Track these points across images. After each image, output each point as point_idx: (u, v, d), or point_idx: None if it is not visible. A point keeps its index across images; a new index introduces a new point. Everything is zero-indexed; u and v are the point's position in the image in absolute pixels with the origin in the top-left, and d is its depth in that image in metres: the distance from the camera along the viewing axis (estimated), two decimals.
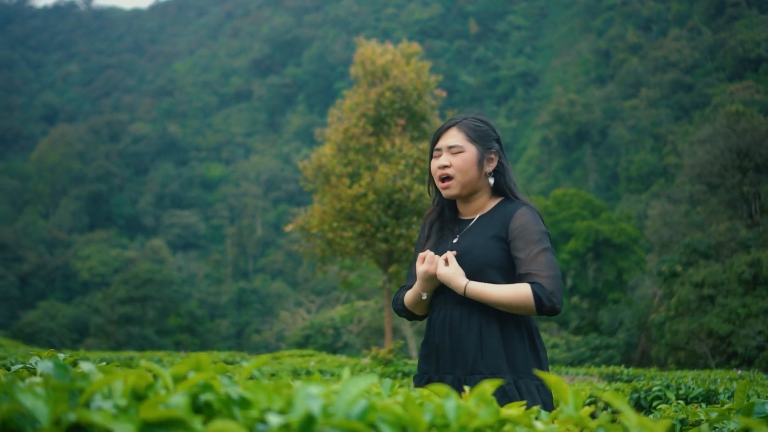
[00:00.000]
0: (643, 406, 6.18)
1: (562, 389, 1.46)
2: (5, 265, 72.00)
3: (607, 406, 6.02)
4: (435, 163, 3.13)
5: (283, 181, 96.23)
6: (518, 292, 2.86)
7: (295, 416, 1.09)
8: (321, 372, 12.59)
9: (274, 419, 1.09)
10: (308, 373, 13.13)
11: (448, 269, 2.94)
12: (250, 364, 1.49)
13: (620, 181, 75.46)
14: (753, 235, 41.58)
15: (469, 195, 3.13)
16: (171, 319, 60.90)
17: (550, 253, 2.96)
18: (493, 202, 3.16)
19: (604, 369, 12.99)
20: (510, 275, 2.98)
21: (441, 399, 1.30)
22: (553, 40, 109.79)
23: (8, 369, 2.00)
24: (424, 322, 3.27)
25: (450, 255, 2.97)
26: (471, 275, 2.95)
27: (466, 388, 1.57)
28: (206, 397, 1.22)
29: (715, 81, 77.67)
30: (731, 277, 32.78)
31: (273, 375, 10.66)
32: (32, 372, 1.78)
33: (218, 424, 1.07)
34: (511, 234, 2.99)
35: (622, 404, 1.33)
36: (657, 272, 38.62)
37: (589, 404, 4.53)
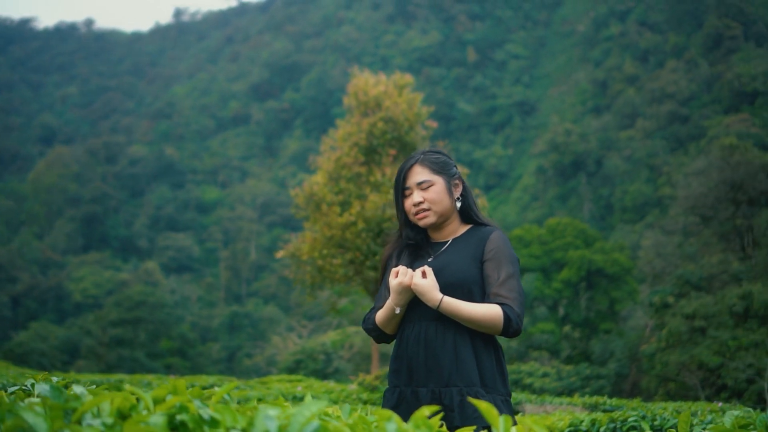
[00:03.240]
0: None
1: (492, 416, 1.58)
2: None
3: None
4: (408, 202, 3.28)
5: (279, 205, 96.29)
6: (490, 311, 3.03)
7: None
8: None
9: None
10: (295, 398, 13.19)
11: (425, 281, 3.07)
12: (221, 389, 1.73)
13: (614, 211, 75.65)
14: (745, 268, 41.69)
15: (443, 222, 3.30)
16: (162, 342, 60.78)
17: (518, 279, 3.15)
18: (465, 227, 3.35)
19: (587, 399, 13.09)
20: (482, 293, 3.14)
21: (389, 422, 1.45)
22: (551, 70, 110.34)
23: (5, 390, 2.12)
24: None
25: (427, 269, 3.10)
26: (446, 290, 3.09)
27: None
28: (181, 417, 1.41)
29: (711, 113, 78.07)
30: (722, 309, 32.84)
31: (260, 400, 10.71)
32: (28, 393, 2.01)
33: None
34: (486, 255, 3.18)
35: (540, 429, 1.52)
36: (649, 303, 38.73)
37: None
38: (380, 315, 3.27)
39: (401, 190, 3.32)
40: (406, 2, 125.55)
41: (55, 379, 2.20)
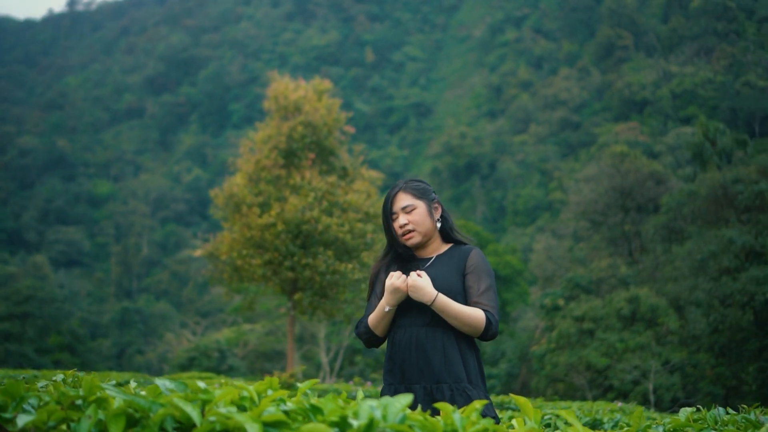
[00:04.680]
0: None
1: (527, 408, 1.96)
2: None
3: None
4: (396, 224, 3.79)
5: (172, 200, 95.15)
6: (476, 313, 3.55)
7: (363, 421, 1.54)
8: None
9: (354, 422, 1.55)
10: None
11: (422, 280, 3.56)
12: (303, 384, 2.05)
13: (507, 214, 76.88)
14: (632, 273, 42.86)
15: (426, 241, 3.82)
16: (51, 337, 59.52)
17: (495, 291, 3.70)
18: (446, 246, 3.87)
19: (493, 398, 13.57)
20: (464, 302, 3.64)
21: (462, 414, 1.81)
22: (447, 73, 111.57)
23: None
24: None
25: (422, 272, 3.61)
26: None
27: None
28: (287, 407, 1.70)
29: (602, 120, 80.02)
30: (610, 312, 33.70)
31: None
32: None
33: (310, 425, 1.51)
34: (467, 269, 3.71)
35: (573, 420, 1.87)
36: (540, 305, 39.42)
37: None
38: (372, 317, 3.74)
39: (389, 214, 3.83)
40: (305, 1, 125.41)
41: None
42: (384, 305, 3.66)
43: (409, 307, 3.64)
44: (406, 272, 3.75)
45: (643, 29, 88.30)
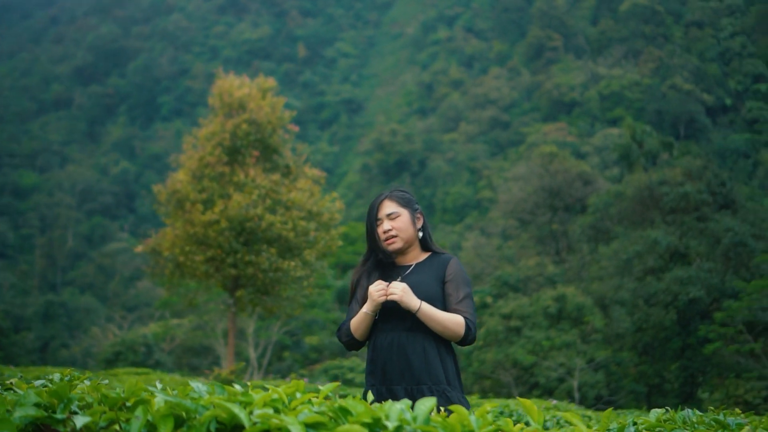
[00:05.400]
0: None
1: (532, 410, 2.05)
2: None
3: None
4: (380, 229, 4.00)
5: (99, 192, 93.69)
6: (456, 319, 3.80)
7: (395, 423, 1.67)
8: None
9: (390, 424, 1.66)
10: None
11: (406, 288, 3.77)
12: (325, 387, 2.14)
13: (436, 212, 77.16)
14: (559, 271, 43.47)
15: (407, 248, 4.04)
16: None
17: (472, 299, 3.94)
18: (425, 254, 4.09)
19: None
20: (443, 309, 3.87)
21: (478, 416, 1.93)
22: (379, 70, 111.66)
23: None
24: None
25: (403, 284, 3.80)
26: None
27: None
28: (318, 409, 1.80)
29: (531, 120, 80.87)
30: (537, 310, 34.11)
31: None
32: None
33: (345, 426, 1.60)
34: (446, 277, 3.94)
35: (578, 421, 1.98)
36: None
37: None
38: (354, 321, 3.94)
39: (374, 220, 4.04)
40: None
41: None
42: (365, 312, 3.86)
43: (390, 312, 3.85)
44: (387, 279, 3.97)
45: (573, 31, 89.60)
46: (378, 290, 3.79)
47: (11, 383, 2.45)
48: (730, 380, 29.30)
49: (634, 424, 2.74)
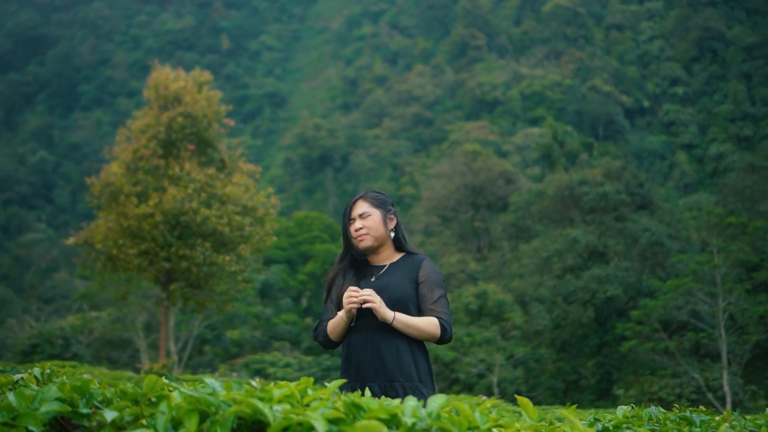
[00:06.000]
0: None
1: (528, 407, 2.08)
2: None
3: None
4: (352, 228, 4.14)
5: (16, 182, 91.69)
6: (431, 322, 3.94)
7: (412, 418, 1.70)
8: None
9: (408, 420, 1.70)
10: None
11: (380, 303, 3.88)
12: (331, 384, 2.13)
13: None
14: (481, 269, 43.97)
15: (378, 247, 4.16)
16: None
17: (446, 299, 4.07)
18: (398, 255, 4.21)
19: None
20: (416, 309, 4.02)
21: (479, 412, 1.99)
22: (303, 64, 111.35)
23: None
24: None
25: (372, 291, 3.90)
26: (389, 306, 3.94)
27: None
28: (336, 405, 1.79)
29: (454, 118, 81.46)
30: (459, 307, 34.52)
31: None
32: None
33: (364, 422, 1.59)
34: (420, 278, 4.07)
35: (574, 418, 2.00)
36: None
37: None
38: (331, 324, 4.07)
39: (348, 219, 4.19)
40: None
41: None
42: (342, 317, 3.98)
43: (365, 312, 3.97)
44: (362, 278, 4.12)
45: (496, 30, 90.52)
46: (349, 301, 3.91)
47: (21, 378, 2.47)
48: (645, 377, 30.04)
49: (597, 421, 2.80)
